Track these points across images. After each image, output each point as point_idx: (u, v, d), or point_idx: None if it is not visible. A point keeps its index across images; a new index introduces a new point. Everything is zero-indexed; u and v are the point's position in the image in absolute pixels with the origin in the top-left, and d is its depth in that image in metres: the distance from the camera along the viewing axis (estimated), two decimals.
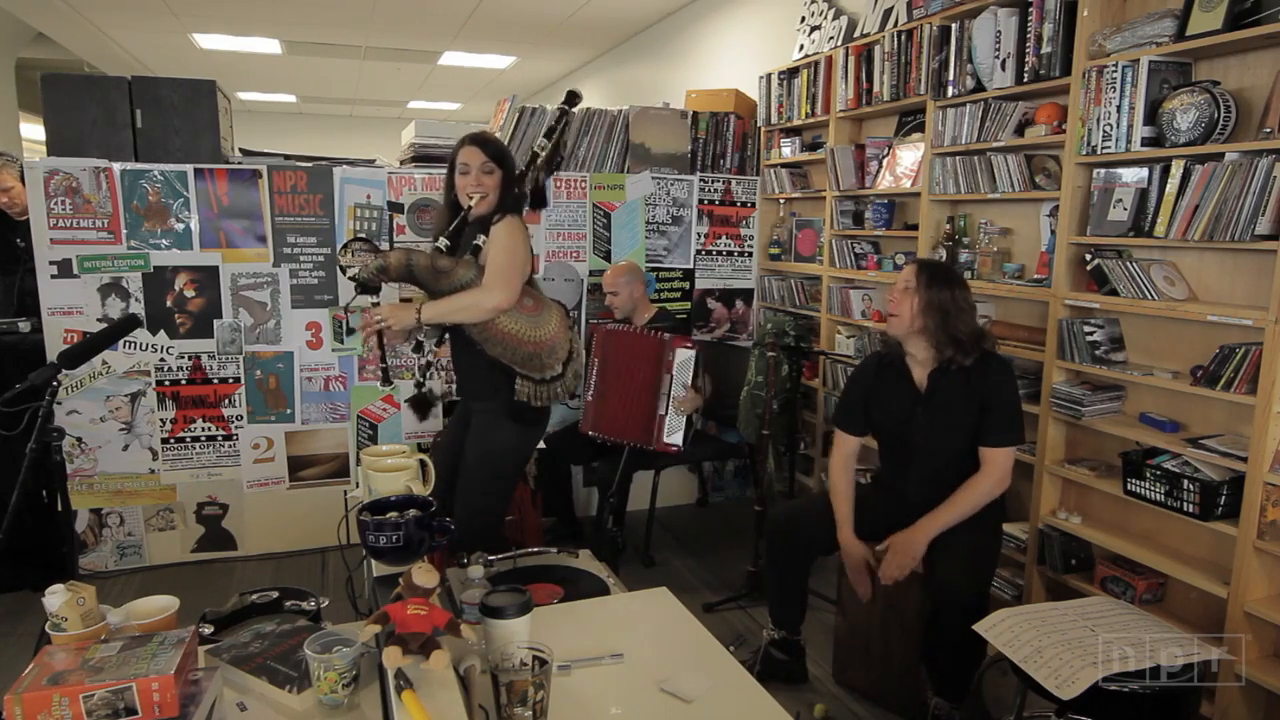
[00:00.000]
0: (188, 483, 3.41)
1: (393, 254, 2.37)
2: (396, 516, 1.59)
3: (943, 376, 2.33)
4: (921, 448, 2.36)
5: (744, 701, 1.33)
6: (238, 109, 5.35)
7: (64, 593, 1.31)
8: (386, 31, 6.52)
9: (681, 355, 3.12)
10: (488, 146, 2.34)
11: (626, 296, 3.45)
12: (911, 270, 2.34)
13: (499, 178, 2.34)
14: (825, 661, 2.62)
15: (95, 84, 3.20)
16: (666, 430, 3.12)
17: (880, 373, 2.46)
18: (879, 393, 2.45)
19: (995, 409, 2.27)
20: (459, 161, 2.35)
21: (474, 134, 2.38)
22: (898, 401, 2.40)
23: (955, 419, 2.30)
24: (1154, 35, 2.27)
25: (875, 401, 2.46)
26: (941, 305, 2.27)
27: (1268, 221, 2.01)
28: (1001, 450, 2.27)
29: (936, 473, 2.34)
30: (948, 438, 2.32)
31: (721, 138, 4.10)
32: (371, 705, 1.31)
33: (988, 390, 2.27)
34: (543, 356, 2.36)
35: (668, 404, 3.11)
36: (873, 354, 2.56)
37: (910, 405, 2.37)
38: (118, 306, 3.21)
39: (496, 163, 2.33)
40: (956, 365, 2.29)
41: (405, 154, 3.78)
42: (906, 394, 2.38)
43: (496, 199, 2.34)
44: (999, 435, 2.27)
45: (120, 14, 6.17)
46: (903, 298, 2.31)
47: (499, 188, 2.34)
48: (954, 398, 2.30)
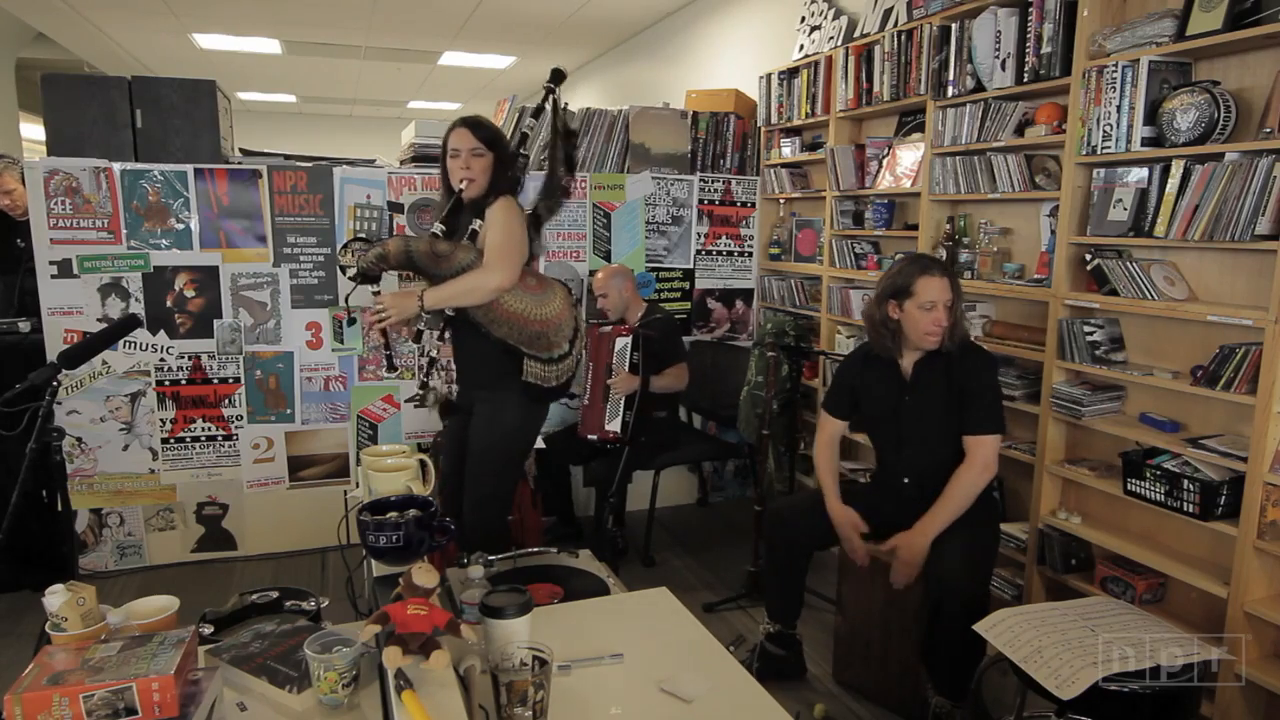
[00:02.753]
0: (188, 483, 3.41)
1: (391, 241, 2.37)
2: (396, 516, 1.59)
3: (926, 365, 2.38)
4: (911, 436, 2.40)
5: (744, 701, 1.33)
6: (238, 109, 5.36)
7: (64, 593, 1.30)
8: (386, 31, 6.52)
9: (619, 343, 3.22)
10: (478, 130, 2.33)
11: (616, 297, 3.45)
12: (942, 284, 2.30)
13: (489, 160, 2.34)
14: (825, 661, 2.62)
15: (95, 84, 3.20)
16: (606, 417, 3.17)
17: (868, 363, 2.50)
18: (867, 382, 2.50)
19: (974, 397, 2.31)
20: (450, 146, 2.36)
21: (465, 117, 2.38)
22: (886, 391, 2.44)
23: (940, 406, 2.35)
24: (1154, 35, 2.27)
25: (864, 392, 2.51)
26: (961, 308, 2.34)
27: (1268, 221, 2.01)
28: (983, 438, 2.29)
29: (927, 462, 2.37)
30: (934, 425, 2.36)
31: (721, 138, 4.10)
32: (371, 705, 1.31)
33: (965, 377, 2.32)
34: (549, 335, 2.37)
35: (608, 391, 3.16)
36: (862, 346, 2.58)
37: (897, 393, 2.41)
38: (118, 306, 3.21)
39: (487, 145, 2.33)
40: (940, 354, 2.34)
41: (405, 154, 3.78)
42: (894, 383, 2.43)
43: (488, 181, 2.34)
44: (978, 424, 2.30)
45: (120, 14, 6.17)
46: (945, 314, 2.30)
47: (490, 170, 2.34)
48: (937, 385, 2.35)
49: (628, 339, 3.20)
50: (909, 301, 2.32)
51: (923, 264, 2.36)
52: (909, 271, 2.34)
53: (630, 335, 3.20)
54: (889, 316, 2.38)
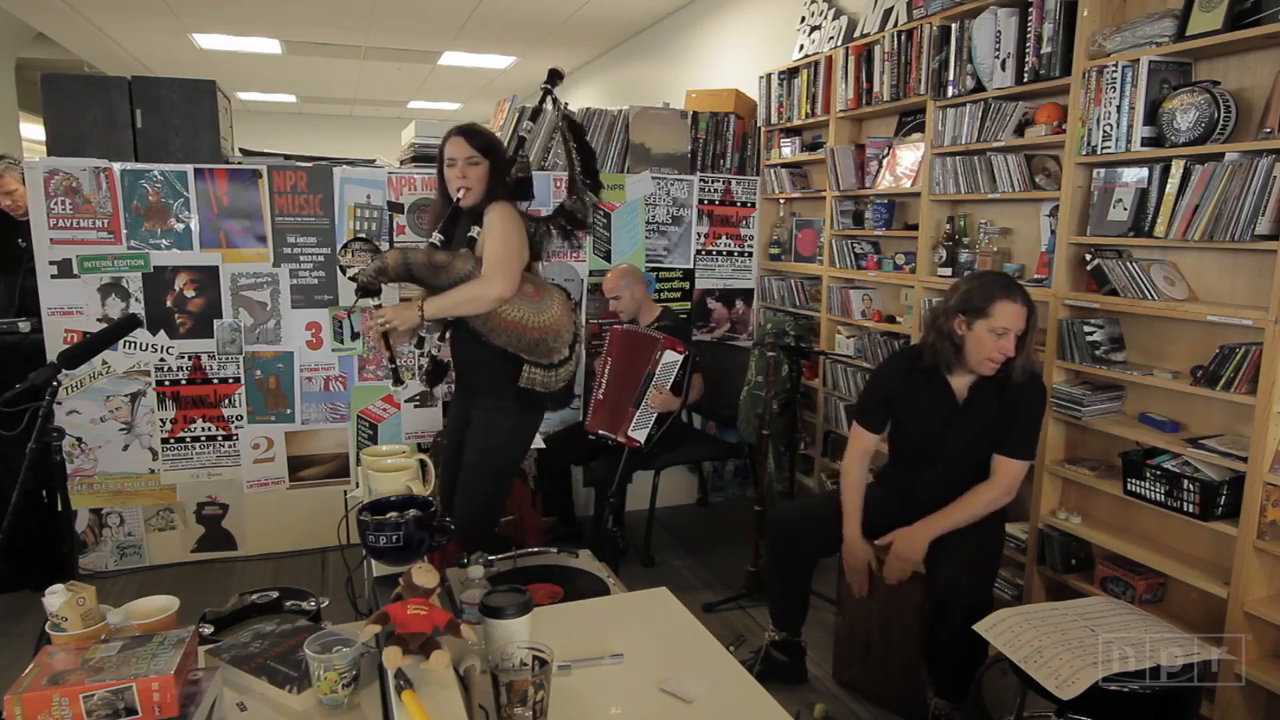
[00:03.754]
0: (188, 483, 3.41)
1: (390, 254, 2.37)
2: (396, 516, 1.59)
3: (982, 390, 2.28)
4: (951, 459, 2.33)
5: (744, 701, 1.33)
6: (238, 109, 5.37)
7: (64, 593, 1.30)
8: (386, 31, 6.52)
9: (669, 357, 3.15)
10: (473, 138, 2.32)
11: (629, 299, 3.46)
12: (1019, 312, 2.16)
13: (485, 168, 2.32)
14: (825, 661, 2.62)
15: (95, 84, 3.20)
16: (633, 424, 3.14)
17: (911, 377, 2.36)
18: (908, 397, 2.38)
19: (1019, 423, 2.24)
20: (446, 155, 2.34)
21: (460, 125, 2.37)
22: (933, 411, 2.33)
23: (988, 430, 2.28)
24: (1154, 35, 2.27)
25: (906, 405, 2.39)
26: (1032, 340, 2.21)
27: (1268, 221, 2.01)
28: (1014, 461, 2.25)
29: (953, 477, 2.33)
30: (977, 453, 2.30)
31: (721, 138, 4.10)
32: (371, 705, 1.31)
33: (1018, 404, 2.24)
34: (549, 341, 2.37)
35: (642, 398, 3.13)
36: (903, 354, 2.49)
37: (947, 416, 2.31)
38: (118, 306, 3.21)
39: (483, 153, 2.32)
40: (998, 379, 2.24)
41: (405, 154, 3.78)
42: (944, 404, 2.31)
43: (484, 189, 2.33)
44: (1015, 447, 2.25)
45: (120, 14, 6.17)
46: (1013, 344, 2.16)
47: (486, 178, 2.33)
48: (990, 410, 2.27)
49: (679, 356, 3.13)
50: (980, 322, 2.17)
51: (1005, 285, 2.19)
52: (989, 291, 2.19)
53: (684, 353, 3.13)
54: (955, 331, 2.24)
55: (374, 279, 2.36)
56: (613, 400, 3.26)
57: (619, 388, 3.25)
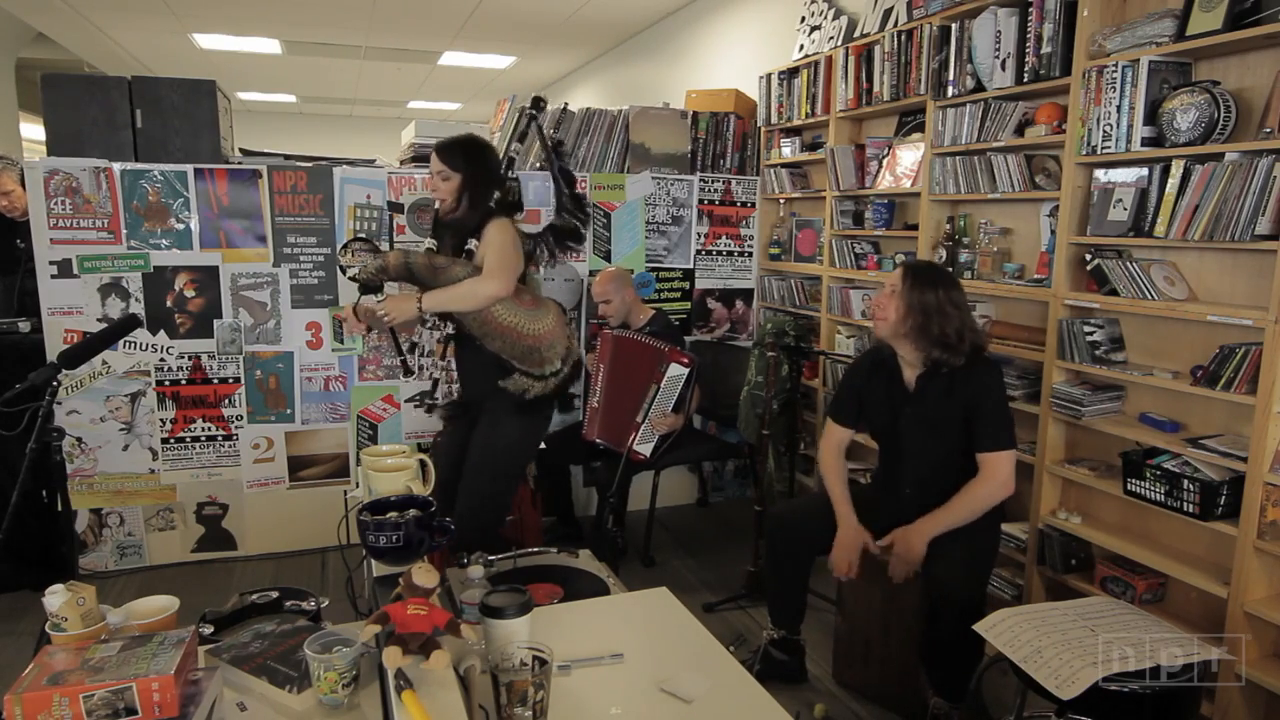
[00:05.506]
0: (188, 483, 3.41)
1: (391, 254, 2.51)
2: (396, 516, 1.59)
3: (931, 379, 2.32)
4: (910, 449, 2.37)
5: (744, 701, 1.33)
6: (238, 109, 5.36)
7: (64, 593, 1.30)
8: (386, 31, 6.52)
9: (674, 370, 3.13)
10: (442, 154, 2.45)
11: (619, 302, 3.43)
12: (898, 273, 2.34)
13: (457, 183, 2.44)
14: (825, 661, 2.62)
15: (95, 84, 3.20)
16: (639, 439, 3.14)
17: (873, 370, 2.47)
18: (871, 390, 2.47)
19: (982, 414, 2.25)
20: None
21: (440, 141, 2.49)
22: (887, 401, 2.41)
23: (941, 422, 2.30)
24: (1154, 35, 2.27)
25: (867, 399, 2.49)
26: (925, 308, 2.24)
27: (1268, 221, 2.01)
28: (997, 454, 2.24)
29: (929, 474, 2.35)
30: (934, 440, 2.32)
31: (721, 138, 4.10)
32: (371, 705, 1.31)
33: (971, 394, 2.25)
34: (541, 350, 2.45)
35: (646, 415, 3.13)
36: (869, 350, 2.56)
37: (899, 405, 2.38)
38: (118, 306, 3.21)
39: (451, 168, 2.44)
40: (947, 367, 2.28)
41: (405, 154, 3.78)
42: (896, 394, 2.39)
43: (459, 201, 2.46)
44: (989, 439, 2.25)
45: (120, 14, 6.17)
46: (889, 300, 2.31)
47: (460, 191, 2.45)
48: (939, 401, 2.30)
49: (685, 370, 3.09)
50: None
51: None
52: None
53: (690, 367, 3.10)
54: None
55: (375, 276, 2.50)
56: (613, 410, 3.25)
57: (618, 398, 3.24)
